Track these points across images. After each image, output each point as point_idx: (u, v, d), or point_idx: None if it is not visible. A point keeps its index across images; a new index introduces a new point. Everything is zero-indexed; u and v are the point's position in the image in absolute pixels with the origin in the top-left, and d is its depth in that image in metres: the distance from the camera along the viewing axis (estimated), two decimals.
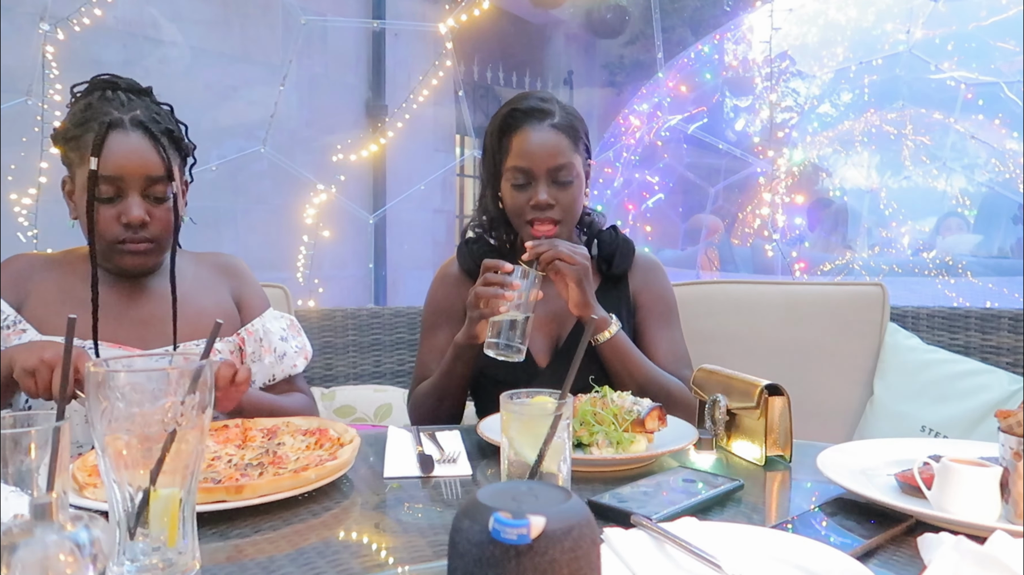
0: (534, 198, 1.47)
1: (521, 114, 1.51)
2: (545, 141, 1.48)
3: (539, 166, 1.47)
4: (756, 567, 0.76)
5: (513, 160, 1.49)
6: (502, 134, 1.52)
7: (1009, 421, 0.88)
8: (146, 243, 1.30)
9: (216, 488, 0.92)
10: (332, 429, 1.16)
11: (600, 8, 7.19)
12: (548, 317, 1.56)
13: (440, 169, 5.25)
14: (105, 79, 1.33)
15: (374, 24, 4.83)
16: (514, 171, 1.49)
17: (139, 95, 1.33)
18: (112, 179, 1.25)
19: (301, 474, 0.97)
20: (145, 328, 1.35)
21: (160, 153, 1.28)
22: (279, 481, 0.96)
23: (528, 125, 1.49)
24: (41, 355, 1.11)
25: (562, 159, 1.48)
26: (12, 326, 1.29)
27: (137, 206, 1.27)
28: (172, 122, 1.35)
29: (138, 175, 1.26)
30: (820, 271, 4.30)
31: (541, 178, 1.48)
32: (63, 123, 1.31)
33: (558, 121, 1.50)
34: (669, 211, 6.01)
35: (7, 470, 0.67)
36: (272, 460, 1.06)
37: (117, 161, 1.25)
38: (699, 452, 1.25)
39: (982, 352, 2.01)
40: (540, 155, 1.47)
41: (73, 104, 1.32)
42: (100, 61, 3.24)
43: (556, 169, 1.48)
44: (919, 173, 4.92)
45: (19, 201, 2.78)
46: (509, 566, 0.53)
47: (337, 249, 4.22)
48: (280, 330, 1.50)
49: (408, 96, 3.92)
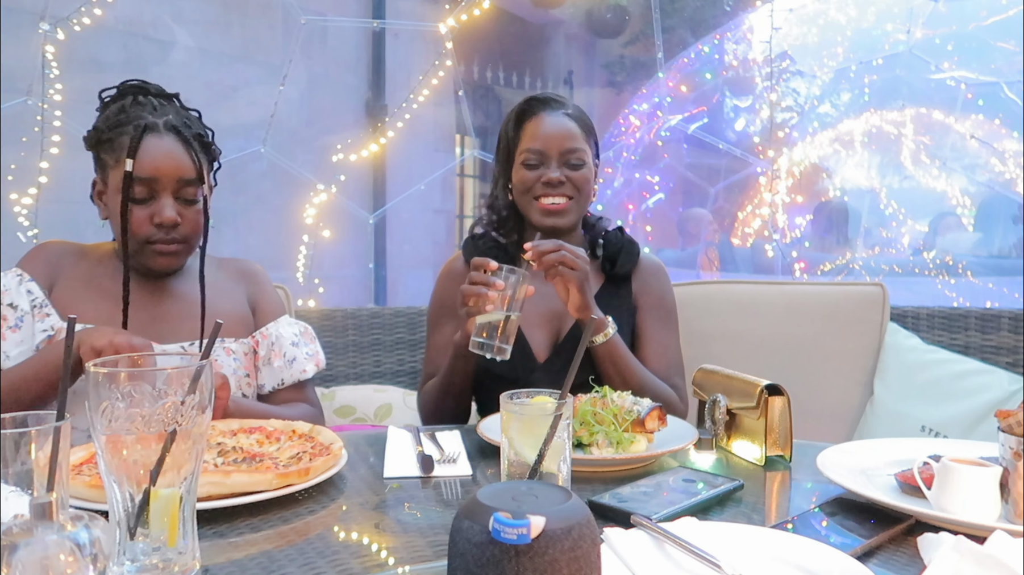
0: (545, 175, 1.52)
1: (537, 103, 1.57)
2: (559, 125, 1.54)
3: (552, 148, 1.52)
4: (756, 567, 0.76)
5: (527, 143, 1.54)
6: (518, 122, 1.57)
7: (1009, 421, 0.88)
8: (176, 243, 1.35)
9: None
10: (320, 435, 1.17)
11: (600, 8, 7.19)
12: (548, 313, 1.56)
13: (440, 169, 5.25)
14: (135, 84, 1.37)
15: (374, 24, 4.83)
16: (527, 152, 1.54)
17: (168, 100, 1.38)
18: (146, 180, 1.30)
19: (302, 466, 0.98)
20: (165, 325, 1.39)
21: (192, 156, 1.33)
22: (287, 476, 0.96)
23: (544, 111, 1.56)
24: (112, 338, 1.16)
25: (575, 143, 1.53)
26: (39, 308, 1.34)
27: (169, 207, 1.32)
28: (201, 127, 1.40)
29: (171, 177, 1.31)
30: (820, 271, 4.29)
31: (553, 158, 1.53)
32: (96, 126, 1.35)
33: (572, 112, 1.57)
34: (669, 211, 6.00)
35: (7, 470, 0.67)
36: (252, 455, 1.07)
37: (151, 163, 1.30)
38: (699, 452, 1.25)
39: (982, 352, 2.01)
40: (554, 137, 1.53)
41: (104, 108, 1.36)
42: (100, 61, 3.24)
43: (569, 151, 1.53)
44: (919, 173, 4.91)
45: (19, 201, 2.78)
46: (509, 566, 0.53)
47: (337, 249, 4.21)
48: (292, 335, 1.52)
49: (408, 96, 3.92)
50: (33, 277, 1.36)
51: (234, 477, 0.94)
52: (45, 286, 1.37)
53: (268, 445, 1.12)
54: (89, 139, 1.36)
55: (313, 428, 1.18)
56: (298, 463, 1.03)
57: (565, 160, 1.53)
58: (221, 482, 0.93)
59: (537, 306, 1.55)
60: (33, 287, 1.36)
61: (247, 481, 0.95)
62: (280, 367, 1.48)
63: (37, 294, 1.35)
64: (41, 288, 1.36)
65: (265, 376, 1.48)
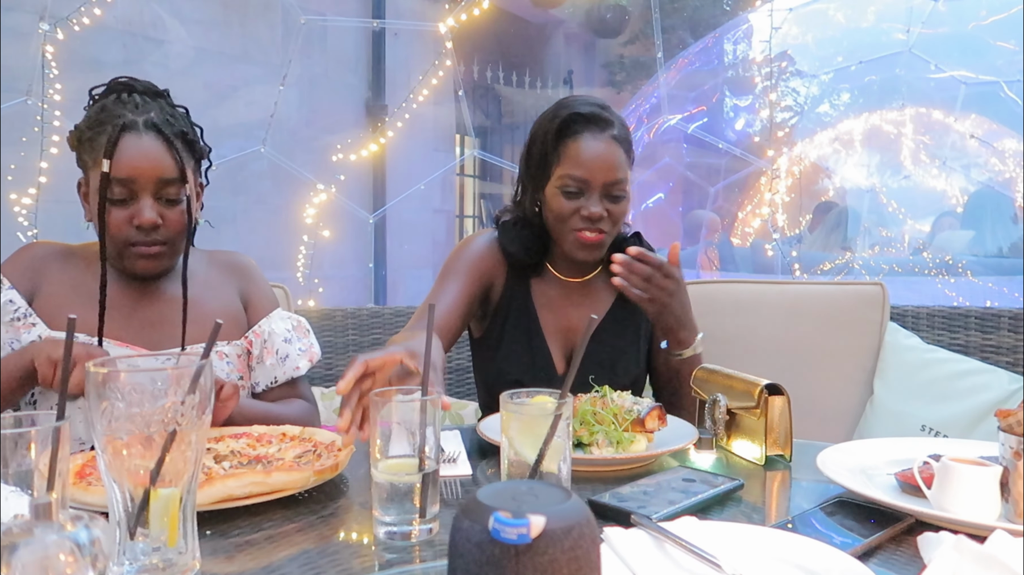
0: (586, 209, 1.42)
1: (583, 119, 1.44)
2: (605, 153, 1.42)
3: (596, 178, 1.42)
4: (756, 567, 0.76)
5: (569, 167, 1.43)
6: (559, 137, 1.45)
7: (1009, 420, 0.88)
8: (158, 246, 1.29)
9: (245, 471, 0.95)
10: (317, 435, 1.17)
11: (600, 8, 7.19)
12: (569, 324, 1.54)
13: (440, 169, 5.26)
14: (123, 81, 1.32)
15: (374, 24, 4.83)
16: (568, 178, 1.43)
17: (155, 97, 1.33)
18: (124, 181, 1.25)
19: (305, 466, 0.98)
20: (154, 329, 1.35)
21: (173, 155, 1.27)
22: (290, 473, 0.97)
23: (589, 133, 1.43)
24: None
25: (619, 174, 1.43)
26: (22, 319, 1.29)
27: (149, 208, 1.26)
28: (187, 124, 1.35)
29: (150, 177, 1.26)
30: (820, 271, 4.29)
31: (596, 190, 1.43)
32: (78, 125, 1.31)
33: (617, 133, 1.45)
34: (669, 211, 6.01)
35: (7, 470, 0.67)
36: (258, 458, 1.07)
37: (129, 163, 1.24)
38: (699, 452, 1.25)
39: (982, 352, 2.01)
40: (599, 167, 1.42)
41: (90, 107, 1.32)
42: (100, 61, 3.24)
43: (612, 183, 1.43)
44: (919, 172, 4.92)
45: (19, 201, 2.78)
46: (509, 566, 0.53)
47: (337, 249, 4.22)
48: (285, 331, 1.48)
49: (408, 96, 3.92)
50: (13, 284, 1.31)
51: (275, 476, 0.95)
52: (26, 293, 1.31)
53: (262, 447, 1.12)
54: (71, 139, 1.32)
55: (304, 430, 1.18)
56: (318, 460, 1.04)
57: (607, 192, 1.43)
58: (263, 481, 0.94)
59: (559, 316, 1.54)
60: (14, 296, 1.30)
61: (287, 479, 0.95)
62: (272, 365, 1.44)
63: (19, 303, 1.30)
64: (22, 296, 1.30)
65: (258, 375, 1.45)
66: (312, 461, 1.04)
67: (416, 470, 0.84)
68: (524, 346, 1.52)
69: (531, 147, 1.50)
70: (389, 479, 0.84)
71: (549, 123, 1.47)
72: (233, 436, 1.16)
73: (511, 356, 1.52)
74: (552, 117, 1.47)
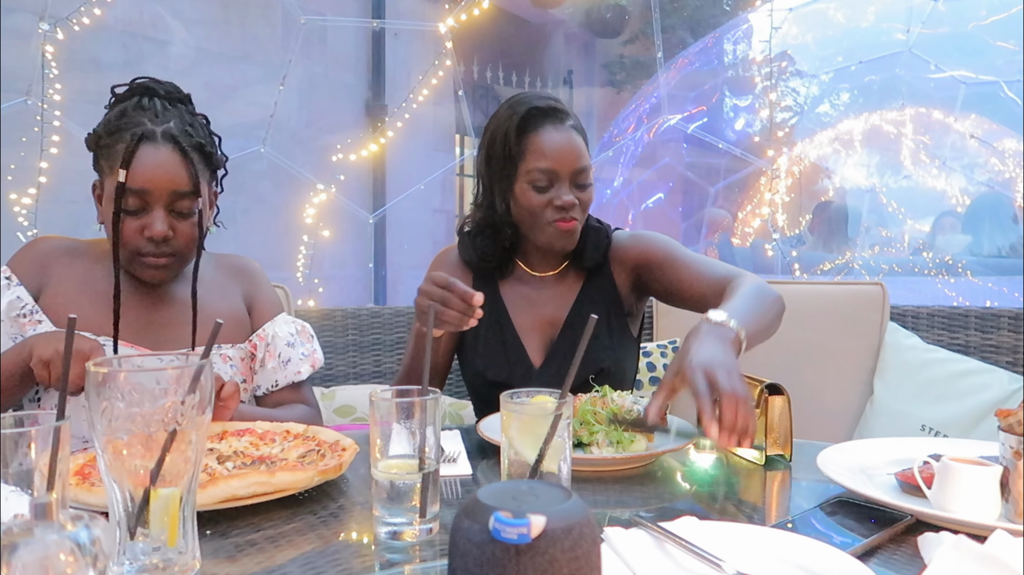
0: (559, 199, 1.44)
1: (541, 113, 1.46)
2: (569, 143, 1.45)
3: (564, 168, 1.44)
4: (756, 566, 0.76)
5: (535, 161, 1.44)
6: (521, 133, 1.46)
7: (1009, 420, 0.88)
8: (167, 257, 1.29)
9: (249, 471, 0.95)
10: (321, 434, 1.17)
11: (600, 8, 7.19)
12: (541, 319, 1.55)
13: (440, 169, 5.25)
14: (146, 84, 1.31)
15: (374, 24, 4.83)
16: (537, 172, 1.44)
17: (176, 103, 1.32)
18: (139, 192, 1.24)
19: (308, 467, 0.98)
20: (161, 331, 1.35)
21: (188, 169, 1.27)
22: (294, 472, 0.97)
23: (550, 125, 1.45)
24: (57, 346, 1.12)
25: (585, 162, 1.46)
26: (29, 315, 1.29)
27: (161, 221, 1.26)
28: (205, 135, 1.34)
29: (165, 190, 1.25)
30: (820, 271, 4.29)
31: (565, 180, 1.44)
32: (97, 128, 1.30)
33: (575, 123, 1.49)
34: (669, 211, 6.01)
35: (7, 470, 0.67)
36: (261, 458, 1.06)
37: (145, 174, 1.24)
38: (699, 452, 1.25)
39: (982, 351, 2.01)
40: (566, 157, 1.44)
41: (110, 107, 1.31)
42: (100, 61, 3.24)
43: (579, 171, 1.45)
44: (919, 172, 4.92)
45: (19, 201, 2.77)
46: (509, 565, 0.53)
47: (337, 249, 4.21)
48: (288, 335, 1.48)
49: (408, 96, 3.92)
50: (21, 280, 1.31)
51: (279, 476, 0.95)
52: (33, 288, 1.31)
53: (265, 447, 1.12)
54: (89, 141, 1.32)
55: (308, 428, 1.18)
56: (321, 460, 1.04)
57: (575, 181, 1.45)
58: (267, 481, 0.94)
59: (530, 312, 1.55)
60: (21, 292, 1.30)
61: (291, 479, 0.95)
62: (274, 368, 1.45)
63: (26, 300, 1.30)
64: (29, 292, 1.31)
65: (260, 378, 1.45)
66: (316, 461, 1.04)
67: (416, 470, 0.85)
68: (498, 346, 1.53)
69: (491, 148, 1.51)
70: (389, 479, 0.85)
71: (507, 121, 1.47)
72: (236, 434, 1.16)
73: (488, 357, 1.53)
74: (510, 115, 1.48)
